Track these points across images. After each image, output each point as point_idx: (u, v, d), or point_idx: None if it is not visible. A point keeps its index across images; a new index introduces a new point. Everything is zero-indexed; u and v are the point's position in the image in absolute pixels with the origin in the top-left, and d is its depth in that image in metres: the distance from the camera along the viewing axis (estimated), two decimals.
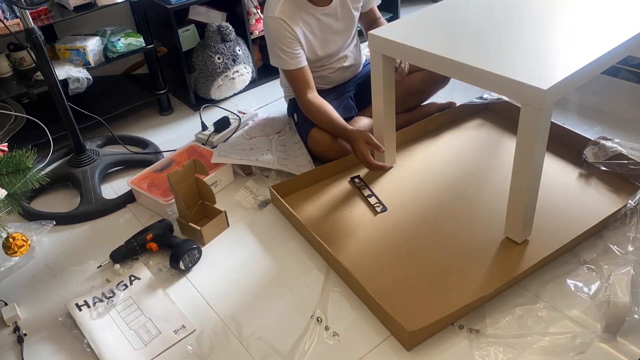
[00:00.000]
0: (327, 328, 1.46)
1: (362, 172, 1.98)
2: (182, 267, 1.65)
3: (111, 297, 1.61)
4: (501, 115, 2.21)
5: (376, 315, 1.46)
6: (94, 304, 1.59)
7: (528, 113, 1.35)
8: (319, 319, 1.49)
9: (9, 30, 1.93)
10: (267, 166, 1.99)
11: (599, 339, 1.34)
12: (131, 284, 1.65)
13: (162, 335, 1.49)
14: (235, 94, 2.63)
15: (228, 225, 1.84)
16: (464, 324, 1.42)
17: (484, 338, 1.38)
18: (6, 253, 1.57)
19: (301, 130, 2.11)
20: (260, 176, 2.05)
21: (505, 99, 2.18)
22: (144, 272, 1.68)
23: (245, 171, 2.08)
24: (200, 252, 1.70)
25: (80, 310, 1.58)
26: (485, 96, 2.26)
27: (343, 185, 1.94)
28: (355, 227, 1.74)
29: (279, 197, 1.83)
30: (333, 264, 1.60)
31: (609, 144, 1.85)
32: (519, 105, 1.36)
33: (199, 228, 1.75)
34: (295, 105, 2.14)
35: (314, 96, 1.95)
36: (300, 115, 2.11)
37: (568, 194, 1.78)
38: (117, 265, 1.72)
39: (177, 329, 1.49)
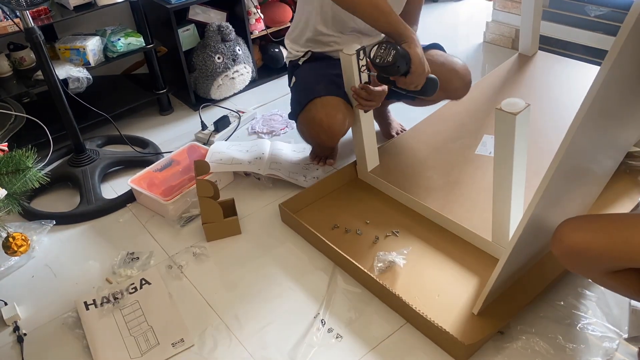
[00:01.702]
0: (330, 330, 1.46)
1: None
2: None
3: (119, 298, 1.60)
4: None
5: (418, 329, 1.44)
6: (102, 304, 1.59)
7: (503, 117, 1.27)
8: (322, 320, 1.49)
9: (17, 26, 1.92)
10: (257, 171, 1.97)
11: (625, 344, 1.33)
12: (141, 287, 1.64)
13: (160, 346, 1.47)
14: (235, 94, 2.63)
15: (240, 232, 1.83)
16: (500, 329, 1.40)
17: (509, 339, 1.38)
18: (6, 253, 1.57)
19: (292, 103, 1.87)
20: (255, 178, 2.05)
21: None
22: (156, 277, 1.67)
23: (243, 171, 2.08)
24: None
25: (87, 309, 1.58)
26: None
27: (354, 196, 1.89)
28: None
29: (291, 214, 1.78)
30: (364, 281, 1.57)
31: None
32: None
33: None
34: (294, 67, 1.90)
35: None
36: (296, 81, 1.86)
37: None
38: (121, 269, 1.71)
39: (176, 342, 1.47)
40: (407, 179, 1.86)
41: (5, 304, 1.63)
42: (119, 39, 2.30)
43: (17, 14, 1.85)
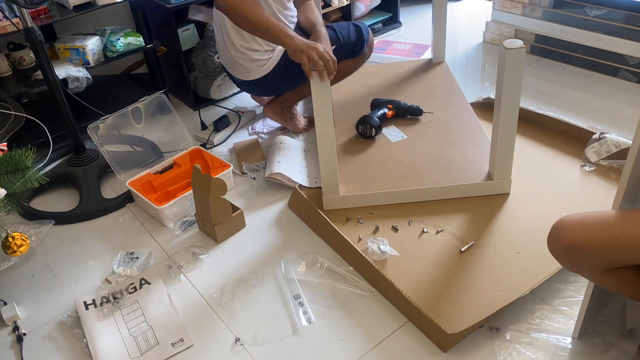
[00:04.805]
0: (330, 330, 1.46)
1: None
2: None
3: (119, 298, 1.60)
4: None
5: (407, 317, 1.46)
6: (101, 304, 1.59)
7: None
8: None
9: (18, 26, 1.92)
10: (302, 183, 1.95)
11: (622, 338, 1.34)
12: (141, 287, 1.64)
13: (159, 346, 1.47)
14: (234, 94, 2.63)
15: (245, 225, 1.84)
16: (483, 323, 1.41)
17: (505, 336, 1.39)
18: (6, 252, 1.57)
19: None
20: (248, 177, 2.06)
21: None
22: (155, 277, 1.67)
23: (240, 170, 2.09)
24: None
25: (87, 309, 1.57)
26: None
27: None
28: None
29: (303, 195, 1.83)
30: (359, 267, 1.61)
31: (610, 136, 1.86)
32: None
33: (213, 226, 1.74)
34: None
35: None
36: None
37: (575, 192, 1.79)
38: (121, 269, 1.71)
39: (175, 342, 1.47)
40: (373, 186, 1.85)
41: (5, 303, 1.63)
42: (119, 39, 2.30)
43: (17, 13, 1.85)
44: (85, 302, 1.59)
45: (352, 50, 2.13)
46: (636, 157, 1.03)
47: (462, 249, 1.60)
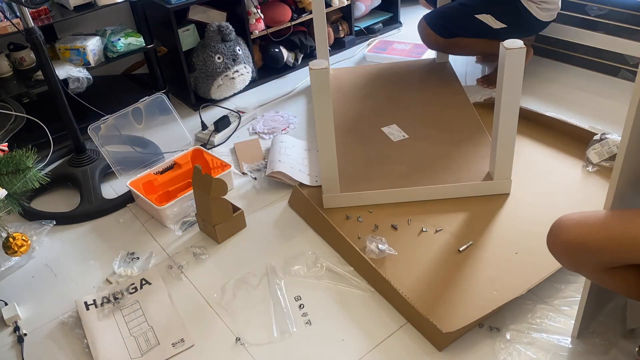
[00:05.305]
0: (330, 330, 1.46)
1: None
2: None
3: (119, 298, 1.60)
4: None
5: (404, 316, 1.47)
6: (102, 304, 1.59)
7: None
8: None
9: (17, 26, 1.92)
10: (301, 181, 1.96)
11: (622, 337, 1.34)
12: (141, 287, 1.64)
13: (160, 346, 1.47)
14: (235, 94, 2.63)
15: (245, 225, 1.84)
16: (483, 323, 1.42)
17: (505, 336, 1.39)
18: (6, 253, 1.57)
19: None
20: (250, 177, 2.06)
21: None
22: (156, 277, 1.67)
23: (240, 170, 2.09)
24: None
25: (87, 309, 1.58)
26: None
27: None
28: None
29: (303, 193, 1.84)
30: (358, 266, 1.61)
31: (611, 137, 1.86)
32: None
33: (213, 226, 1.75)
34: None
35: None
36: None
37: (575, 193, 1.79)
38: (121, 269, 1.71)
39: (176, 342, 1.47)
40: (373, 185, 1.85)
41: (6, 304, 1.63)
42: (119, 39, 2.30)
43: (18, 14, 1.86)
44: (85, 303, 1.59)
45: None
46: (625, 156, 1.03)
47: (461, 249, 1.60)
